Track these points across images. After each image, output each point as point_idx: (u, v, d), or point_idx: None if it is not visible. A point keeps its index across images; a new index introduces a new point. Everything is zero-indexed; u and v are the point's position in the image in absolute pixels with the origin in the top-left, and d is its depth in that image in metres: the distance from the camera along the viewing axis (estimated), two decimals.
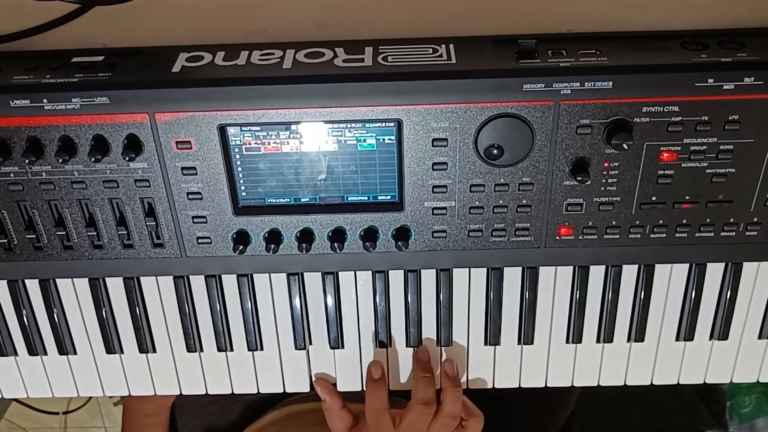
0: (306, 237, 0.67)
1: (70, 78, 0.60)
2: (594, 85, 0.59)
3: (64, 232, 0.67)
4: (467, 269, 0.73)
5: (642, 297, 0.73)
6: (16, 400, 1.62)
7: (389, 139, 0.63)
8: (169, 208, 0.66)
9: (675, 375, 0.78)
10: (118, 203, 0.66)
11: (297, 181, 0.65)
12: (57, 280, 0.73)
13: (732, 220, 0.67)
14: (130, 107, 0.60)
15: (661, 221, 0.67)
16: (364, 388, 0.77)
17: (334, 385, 0.79)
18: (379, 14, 0.67)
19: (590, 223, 0.67)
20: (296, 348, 0.76)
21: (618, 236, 0.67)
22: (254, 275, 0.73)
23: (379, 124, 0.62)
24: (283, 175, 0.65)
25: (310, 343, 0.76)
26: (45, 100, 0.60)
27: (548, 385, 0.79)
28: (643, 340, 0.76)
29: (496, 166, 0.63)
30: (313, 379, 0.78)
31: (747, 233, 0.67)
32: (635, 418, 1.35)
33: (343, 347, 0.77)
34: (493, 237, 0.68)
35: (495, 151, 0.62)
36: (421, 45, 0.63)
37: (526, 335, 0.75)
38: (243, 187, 0.65)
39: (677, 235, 0.67)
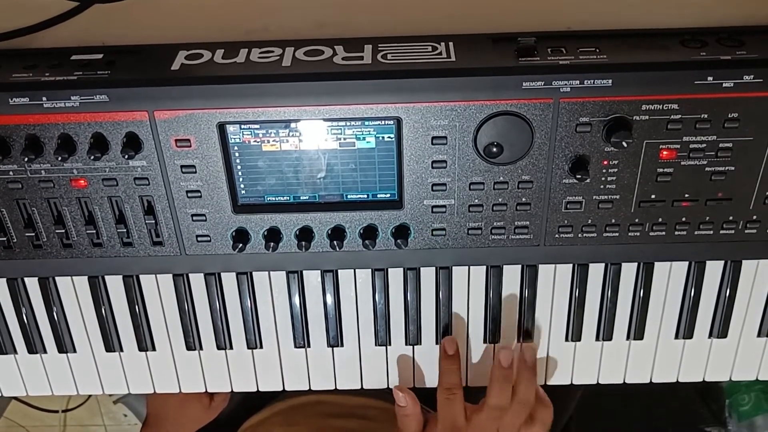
0: (305, 235, 0.67)
1: (69, 76, 0.60)
2: (593, 83, 0.59)
3: (63, 230, 0.67)
4: (467, 267, 0.73)
5: (641, 295, 0.73)
6: (16, 398, 1.62)
7: (388, 137, 0.63)
8: (168, 206, 0.66)
9: (674, 373, 0.78)
10: (117, 201, 0.66)
11: (296, 179, 0.65)
12: (56, 278, 0.73)
13: (731, 218, 0.67)
14: (130, 105, 0.60)
15: (660, 219, 0.67)
16: (439, 370, 0.74)
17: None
18: (378, 12, 0.67)
19: (589, 221, 0.67)
20: (296, 346, 0.76)
21: (617, 234, 0.67)
22: (253, 273, 0.73)
23: (379, 122, 0.62)
24: (283, 173, 0.65)
25: (309, 342, 0.76)
26: (44, 98, 0.60)
27: (547, 383, 0.79)
28: (642, 338, 0.76)
29: (496, 164, 0.63)
30: (394, 386, 0.75)
31: (746, 231, 0.67)
32: (634, 415, 1.35)
33: (342, 345, 0.77)
34: (493, 235, 0.68)
35: (494, 149, 0.62)
36: (421, 43, 0.63)
37: (526, 333, 0.75)
38: (242, 185, 0.65)
39: (676, 233, 0.67)
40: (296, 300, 0.74)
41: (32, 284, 0.74)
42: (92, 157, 0.61)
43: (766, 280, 0.73)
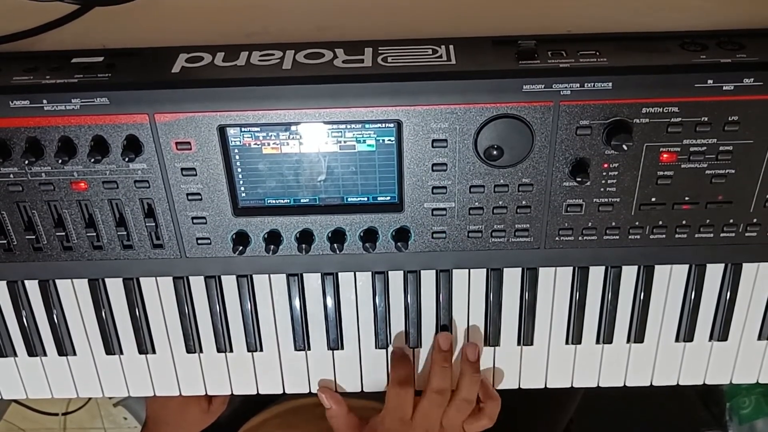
0: (306, 238, 0.67)
1: (70, 79, 0.60)
2: (594, 85, 0.59)
3: (63, 233, 0.67)
4: (467, 270, 0.73)
5: (642, 298, 0.73)
6: (16, 401, 1.62)
7: (389, 140, 0.63)
8: (168, 209, 0.66)
9: (675, 376, 0.78)
10: (117, 204, 0.66)
11: (297, 181, 0.65)
12: (56, 281, 0.73)
13: (731, 221, 0.67)
14: (130, 108, 0.60)
15: (660, 222, 0.67)
16: (389, 369, 0.77)
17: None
18: (379, 15, 0.67)
19: (590, 224, 0.67)
20: (296, 349, 0.76)
21: (617, 237, 0.67)
22: (254, 276, 0.73)
23: (379, 125, 0.62)
24: (283, 176, 0.65)
25: (310, 345, 0.76)
26: (45, 101, 0.60)
27: (548, 386, 0.79)
28: (642, 341, 0.76)
29: (496, 167, 0.63)
30: (317, 387, 0.77)
31: (746, 234, 0.67)
32: (635, 419, 1.35)
33: (342, 348, 0.77)
34: (493, 238, 0.68)
35: (495, 152, 0.62)
36: (421, 46, 0.63)
37: (526, 336, 0.75)
38: (243, 188, 0.65)
39: (677, 235, 0.67)
40: (296, 303, 0.74)
41: (32, 287, 0.74)
42: (93, 160, 0.61)
43: (767, 283, 0.73)
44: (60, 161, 0.61)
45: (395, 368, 0.76)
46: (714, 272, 0.73)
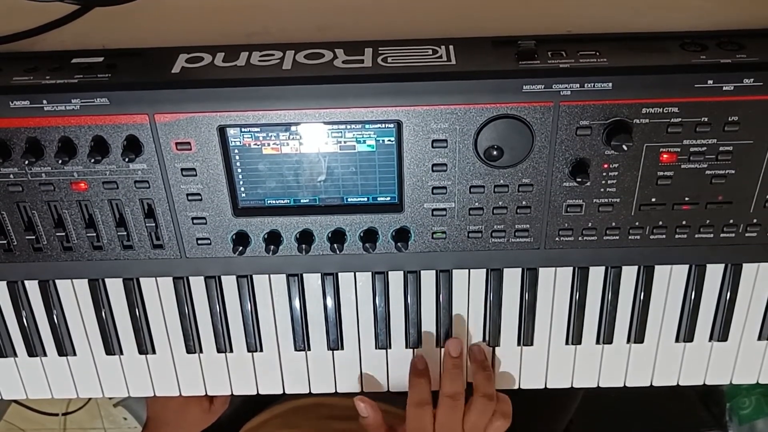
0: (306, 238, 0.67)
1: (70, 79, 0.60)
2: (593, 86, 0.59)
3: (63, 233, 0.67)
4: (467, 270, 0.73)
5: (642, 298, 0.73)
6: (16, 401, 1.62)
7: (389, 140, 0.63)
8: (168, 209, 0.66)
9: (675, 376, 0.78)
10: (117, 204, 0.66)
11: (296, 182, 0.65)
12: (56, 281, 0.73)
13: (731, 221, 0.67)
14: (130, 108, 0.60)
15: (660, 222, 0.67)
16: (407, 383, 0.76)
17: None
18: (379, 15, 0.67)
19: (590, 224, 0.67)
20: (296, 349, 0.76)
21: (617, 237, 0.67)
22: (254, 276, 0.73)
23: (379, 125, 0.62)
24: (283, 176, 0.65)
25: (310, 345, 0.76)
26: (45, 101, 0.60)
27: (548, 386, 0.79)
28: (642, 342, 0.76)
29: (496, 167, 0.63)
30: (355, 397, 0.77)
31: (746, 234, 0.67)
32: (635, 419, 1.35)
33: (342, 348, 0.77)
34: (493, 238, 0.68)
35: (495, 153, 0.62)
36: (421, 46, 0.63)
37: (526, 336, 0.75)
38: (242, 188, 0.65)
39: (677, 236, 0.67)
40: (296, 303, 0.74)
41: (32, 287, 0.74)
42: (93, 160, 0.61)
43: (767, 283, 0.73)
44: (60, 161, 0.61)
45: (412, 387, 0.75)
46: (714, 272, 0.73)
